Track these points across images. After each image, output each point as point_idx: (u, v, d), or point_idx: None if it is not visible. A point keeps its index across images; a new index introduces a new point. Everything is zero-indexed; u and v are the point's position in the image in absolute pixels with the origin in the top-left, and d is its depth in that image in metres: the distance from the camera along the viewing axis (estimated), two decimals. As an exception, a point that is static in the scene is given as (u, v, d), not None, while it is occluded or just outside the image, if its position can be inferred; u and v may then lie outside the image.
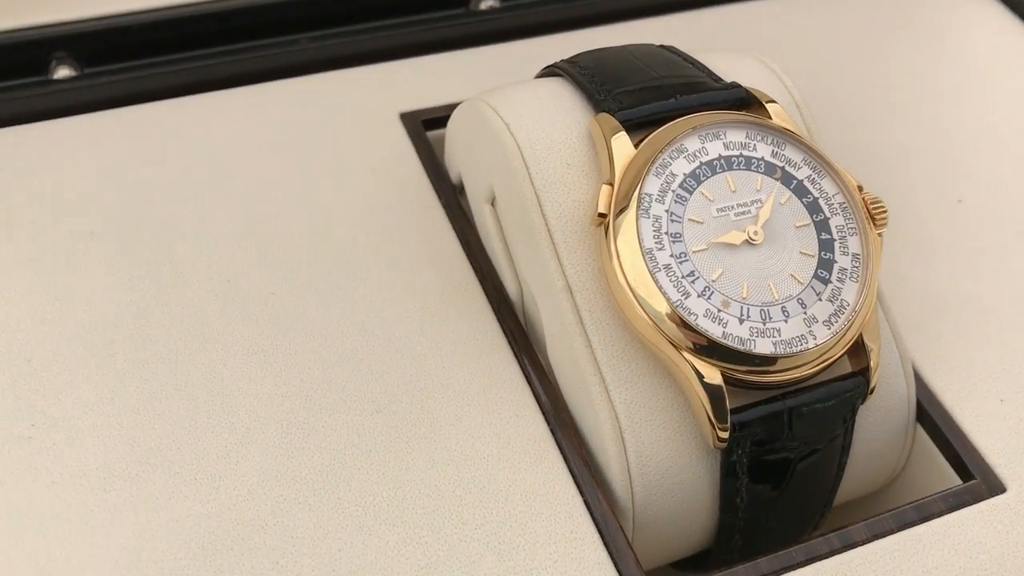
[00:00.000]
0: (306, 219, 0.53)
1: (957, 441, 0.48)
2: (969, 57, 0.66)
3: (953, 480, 0.49)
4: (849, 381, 0.45)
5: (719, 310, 0.43)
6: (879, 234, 0.47)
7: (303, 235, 0.52)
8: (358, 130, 0.58)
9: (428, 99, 0.60)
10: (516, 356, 0.49)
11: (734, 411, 0.43)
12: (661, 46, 0.52)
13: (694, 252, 0.44)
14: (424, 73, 0.62)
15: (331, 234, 0.53)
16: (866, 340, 0.45)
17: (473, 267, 0.52)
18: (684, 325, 0.43)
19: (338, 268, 0.51)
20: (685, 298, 0.43)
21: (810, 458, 0.46)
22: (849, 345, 0.45)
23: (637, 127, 0.46)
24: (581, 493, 0.44)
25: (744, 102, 0.48)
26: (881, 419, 0.48)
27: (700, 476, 0.45)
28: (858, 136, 0.60)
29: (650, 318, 0.43)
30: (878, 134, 0.60)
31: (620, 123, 0.46)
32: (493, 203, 0.52)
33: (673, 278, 0.43)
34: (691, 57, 0.51)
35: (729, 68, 0.51)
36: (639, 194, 0.44)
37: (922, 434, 0.50)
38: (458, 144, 0.54)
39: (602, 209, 0.44)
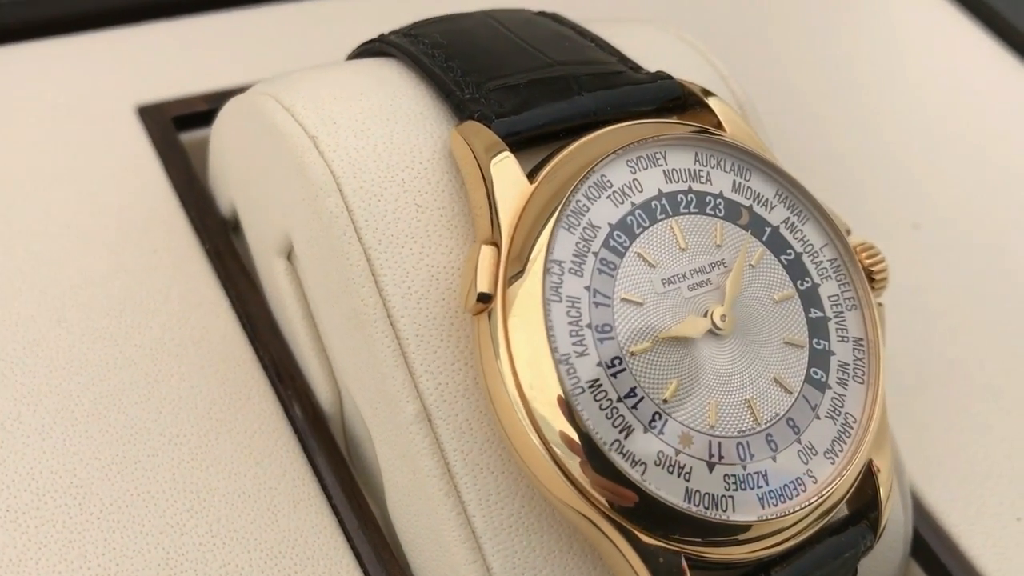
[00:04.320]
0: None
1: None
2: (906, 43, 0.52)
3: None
4: (851, 531, 0.30)
5: (677, 452, 0.26)
6: (879, 303, 0.32)
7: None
8: (70, 132, 0.38)
9: (176, 85, 0.40)
10: (336, 515, 0.30)
11: (700, 609, 0.27)
12: (540, 13, 0.35)
13: (632, 355, 0.27)
14: (162, 46, 0.42)
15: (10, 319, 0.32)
16: (875, 461, 0.30)
17: (260, 359, 0.33)
18: (624, 484, 0.26)
19: (18, 381, 0.31)
20: (625, 436, 0.26)
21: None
22: (858, 477, 0.29)
23: (527, 144, 0.29)
24: None
25: (679, 103, 0.32)
26: (872, 563, 0.33)
27: None
28: (791, 142, 0.44)
29: (564, 473, 0.26)
30: (814, 139, 0.45)
31: (502, 138, 0.28)
32: (290, 257, 0.33)
33: (605, 403, 0.26)
34: (588, 31, 0.34)
35: (642, 48, 0.34)
36: (544, 263, 0.26)
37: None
38: (230, 160, 0.35)
39: (484, 287, 0.26)
